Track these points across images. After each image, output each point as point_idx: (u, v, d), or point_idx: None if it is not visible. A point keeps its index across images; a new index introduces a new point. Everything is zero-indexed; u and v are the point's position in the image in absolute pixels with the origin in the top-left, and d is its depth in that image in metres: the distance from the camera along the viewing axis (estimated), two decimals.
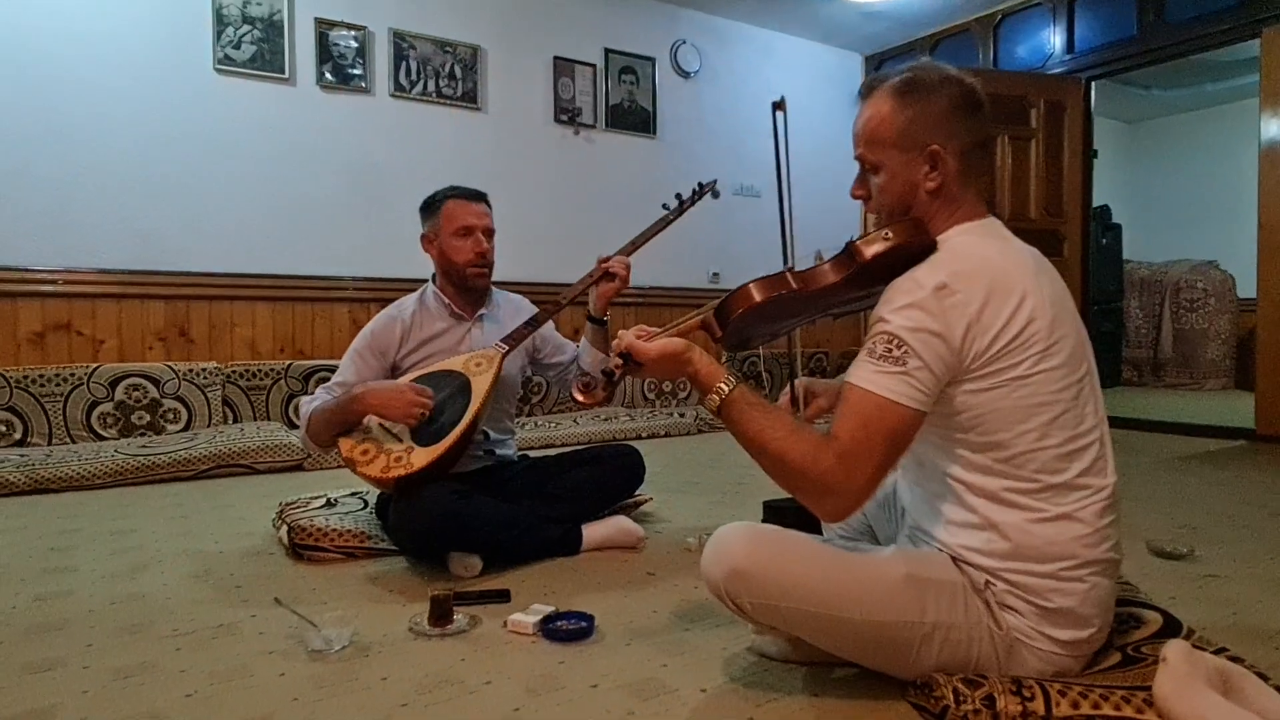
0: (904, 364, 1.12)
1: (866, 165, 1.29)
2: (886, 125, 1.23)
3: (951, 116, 1.22)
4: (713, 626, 1.59)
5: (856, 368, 1.16)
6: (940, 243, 1.22)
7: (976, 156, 1.25)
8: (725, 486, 3.04)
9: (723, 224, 5.30)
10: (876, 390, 1.12)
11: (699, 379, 1.25)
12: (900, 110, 1.22)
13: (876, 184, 1.27)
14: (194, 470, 3.20)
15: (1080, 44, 4.90)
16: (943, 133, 1.21)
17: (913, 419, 1.13)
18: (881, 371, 1.13)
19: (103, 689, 1.33)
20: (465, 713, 1.25)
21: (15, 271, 3.51)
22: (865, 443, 1.11)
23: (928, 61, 1.29)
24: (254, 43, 3.95)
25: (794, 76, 5.70)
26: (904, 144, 1.23)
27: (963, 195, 1.24)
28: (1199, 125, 7.79)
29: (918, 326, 1.12)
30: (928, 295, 1.13)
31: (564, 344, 2.41)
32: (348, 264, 4.22)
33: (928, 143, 1.21)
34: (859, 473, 1.11)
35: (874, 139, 1.25)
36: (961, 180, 1.23)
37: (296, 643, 1.51)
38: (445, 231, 2.18)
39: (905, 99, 1.22)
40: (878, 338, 1.15)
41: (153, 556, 2.12)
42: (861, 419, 1.12)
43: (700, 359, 1.26)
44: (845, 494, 1.12)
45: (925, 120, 1.21)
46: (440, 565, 1.96)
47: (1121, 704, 1.10)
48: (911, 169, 1.23)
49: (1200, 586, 1.86)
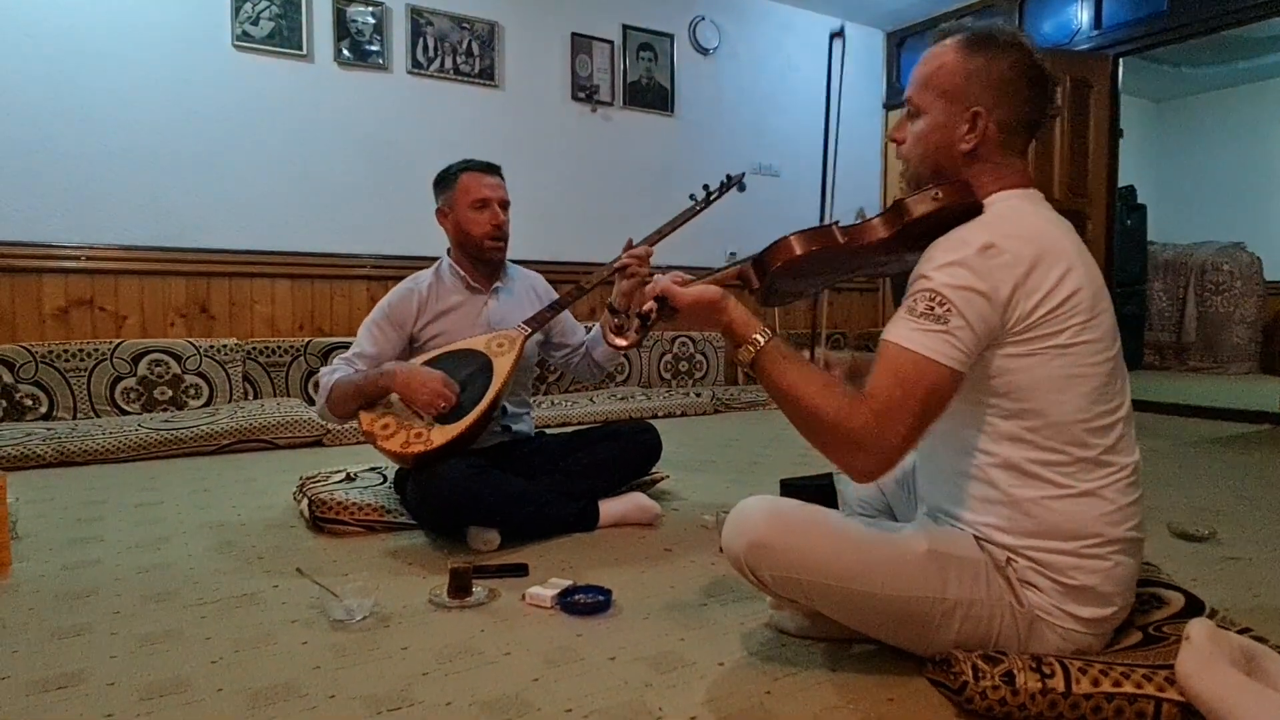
0: (945, 322, 1.09)
1: (912, 107, 1.26)
2: (944, 73, 1.21)
3: (1008, 83, 1.19)
4: (730, 602, 1.59)
5: (895, 325, 1.13)
6: (986, 206, 1.19)
7: (1021, 132, 1.22)
8: (741, 465, 3.04)
9: (741, 203, 5.21)
10: (915, 348, 1.09)
11: (734, 328, 1.22)
12: (963, 62, 1.20)
13: (914, 131, 1.25)
14: (216, 445, 3.24)
15: (1108, 20, 4.79)
16: (993, 97, 1.19)
17: (951, 379, 1.10)
18: (921, 329, 1.10)
19: (130, 655, 1.36)
20: (485, 682, 1.26)
21: (39, 247, 3.55)
22: (901, 400, 1.08)
23: (1004, 25, 1.26)
24: (272, 19, 3.95)
25: (814, 53, 5.62)
26: (953, 95, 1.20)
27: (1007, 162, 1.22)
28: (1229, 103, 7.61)
29: (962, 284, 1.10)
30: (973, 254, 1.11)
31: (575, 326, 2.41)
32: (366, 241, 4.24)
33: (976, 102, 1.19)
34: (893, 430, 1.08)
35: (928, 83, 1.23)
36: (1001, 150, 1.21)
37: (318, 612, 1.53)
38: (461, 204, 2.18)
39: (971, 51, 1.20)
40: (919, 295, 1.12)
41: (176, 528, 2.15)
42: (898, 376, 1.09)
43: (735, 308, 1.23)
44: (878, 451, 1.09)
45: (982, 79, 1.19)
46: (459, 539, 1.98)
47: (1143, 682, 1.09)
48: (951, 124, 1.20)
49: (1222, 568, 1.84)
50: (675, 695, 1.21)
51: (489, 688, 1.24)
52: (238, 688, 1.24)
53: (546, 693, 1.22)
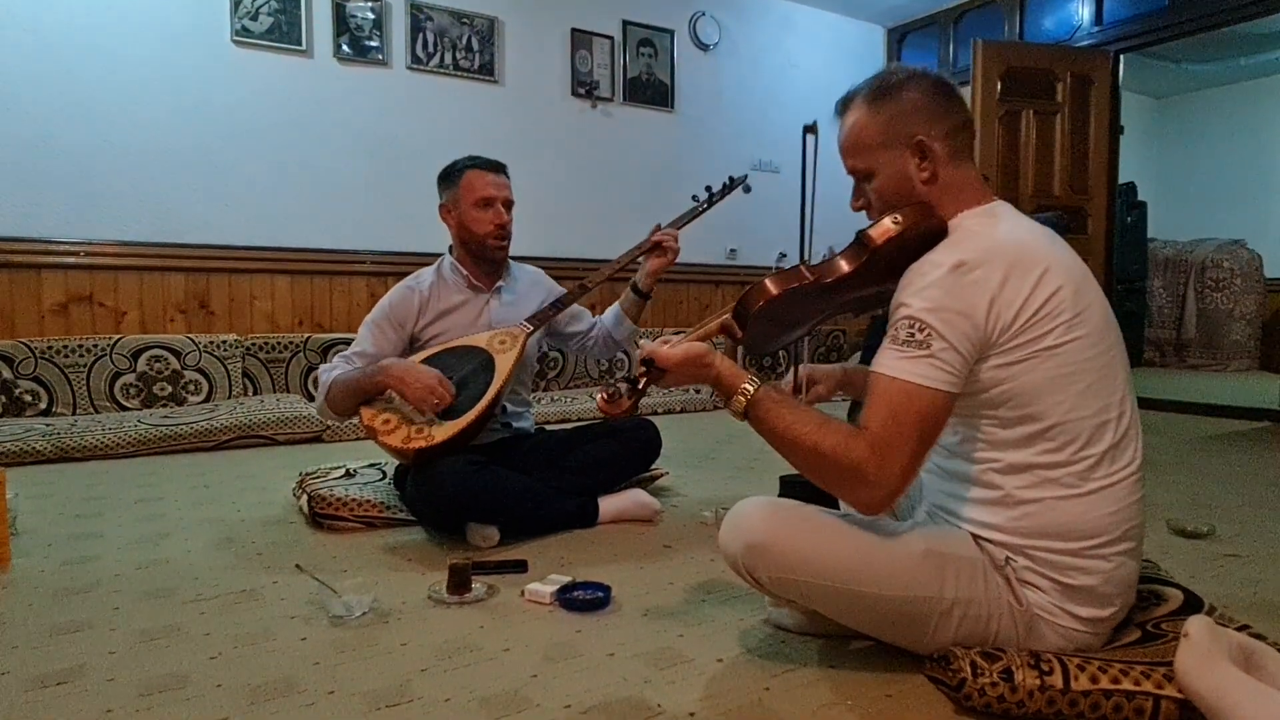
0: (928, 346, 1.11)
1: (859, 175, 1.30)
2: (868, 130, 1.25)
3: (928, 106, 1.23)
4: (729, 599, 1.59)
5: (881, 355, 1.15)
6: (951, 228, 1.22)
7: (962, 137, 1.25)
8: (741, 462, 3.04)
9: (740, 200, 5.22)
10: (902, 376, 1.12)
11: (722, 381, 1.26)
12: (878, 113, 1.24)
13: (873, 190, 1.28)
14: (215, 441, 3.24)
15: (1109, 16, 4.78)
16: (923, 122, 1.22)
17: (943, 401, 1.12)
18: (905, 357, 1.12)
19: (129, 650, 1.36)
20: (484, 678, 1.26)
21: (38, 243, 3.55)
22: (896, 430, 1.10)
23: (893, 65, 1.31)
24: (271, 14, 3.94)
25: (814, 49, 5.61)
26: (889, 142, 1.24)
27: (962, 181, 1.24)
28: (1230, 100, 7.60)
29: (939, 307, 1.12)
30: (946, 274, 1.13)
31: (581, 312, 2.40)
32: (365, 238, 4.23)
33: (912, 134, 1.22)
34: (893, 461, 1.10)
35: (859, 146, 1.27)
36: (953, 164, 1.23)
37: (317, 608, 1.53)
38: (465, 202, 2.17)
39: (879, 102, 1.25)
40: (900, 323, 1.14)
41: (176, 524, 2.15)
42: (890, 407, 1.12)
43: (722, 361, 1.27)
44: (880, 484, 1.11)
45: (904, 115, 1.23)
46: (458, 536, 1.98)
47: (1141, 679, 1.09)
48: (902, 164, 1.24)
49: (1221, 565, 1.84)
50: (674, 691, 1.21)
51: (488, 684, 1.24)
52: (237, 683, 1.24)
53: (545, 689, 1.22)
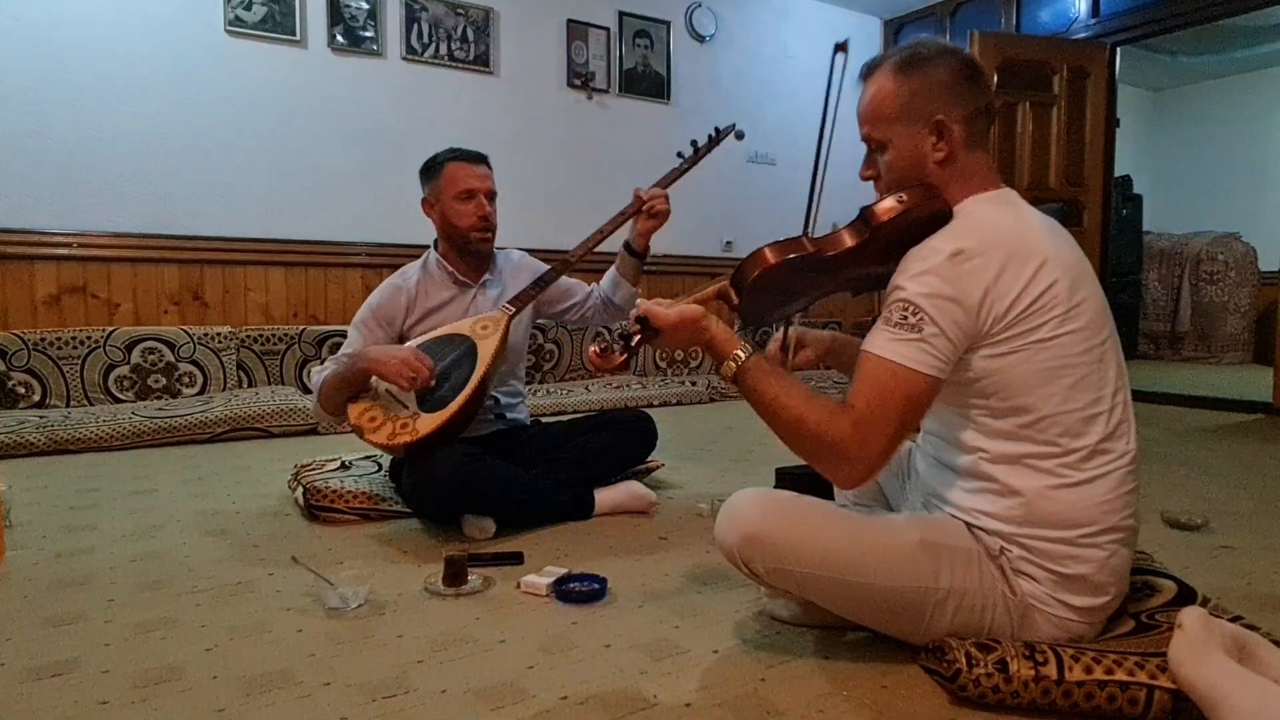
0: (920, 330, 1.12)
1: (873, 144, 1.28)
2: (890, 101, 1.24)
3: (953, 85, 1.22)
4: (725, 590, 1.60)
5: (873, 335, 1.16)
6: (956, 212, 1.22)
7: (981, 123, 1.24)
8: (737, 454, 3.05)
9: (736, 192, 5.25)
10: (892, 358, 1.12)
11: (715, 345, 1.25)
12: (902, 84, 1.23)
13: (884, 162, 1.27)
14: (210, 433, 3.23)
15: (1106, 8, 4.78)
16: (945, 102, 1.21)
17: (929, 386, 1.13)
18: (897, 339, 1.13)
19: (124, 642, 1.36)
20: (479, 670, 1.26)
21: (31, 234, 3.53)
22: (881, 410, 1.11)
23: (925, 38, 1.29)
24: (265, 4, 3.91)
25: (811, 41, 5.59)
26: (908, 117, 1.23)
27: (974, 165, 1.24)
28: (1227, 93, 7.60)
29: (933, 293, 1.12)
30: (943, 261, 1.13)
31: (573, 286, 2.37)
32: (360, 229, 4.21)
33: (932, 113, 1.21)
34: (874, 440, 1.11)
35: (878, 116, 1.26)
36: (969, 148, 1.23)
37: (313, 600, 1.53)
38: (447, 195, 2.16)
39: (906, 73, 1.23)
40: (894, 305, 1.15)
41: (171, 516, 2.15)
42: (877, 387, 1.13)
43: (717, 326, 1.26)
44: (860, 460, 1.12)
45: (927, 91, 1.22)
46: (454, 528, 1.98)
47: (1135, 669, 1.10)
48: (918, 141, 1.23)
49: (1214, 557, 1.85)
50: (669, 683, 1.21)
51: (484, 675, 1.24)
52: (232, 675, 1.24)
53: (541, 680, 1.22)
